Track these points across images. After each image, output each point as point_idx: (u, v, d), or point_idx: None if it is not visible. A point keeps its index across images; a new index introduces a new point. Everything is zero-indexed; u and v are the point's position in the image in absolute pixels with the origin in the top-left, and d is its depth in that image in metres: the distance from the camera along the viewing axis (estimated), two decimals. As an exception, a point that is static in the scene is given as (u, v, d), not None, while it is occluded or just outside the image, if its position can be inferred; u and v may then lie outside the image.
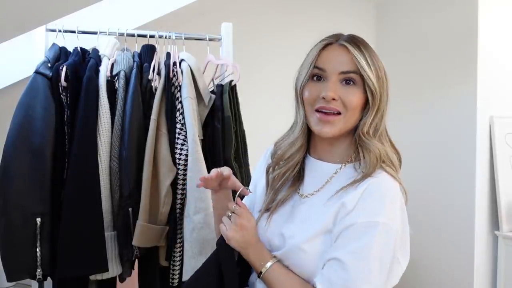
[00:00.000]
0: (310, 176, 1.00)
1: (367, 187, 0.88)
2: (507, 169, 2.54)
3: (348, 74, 0.91)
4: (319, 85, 0.93)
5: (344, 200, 0.89)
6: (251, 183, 1.16)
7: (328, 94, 0.89)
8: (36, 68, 1.51)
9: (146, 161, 1.51)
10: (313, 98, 0.93)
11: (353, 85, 0.92)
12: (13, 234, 1.41)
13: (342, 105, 0.91)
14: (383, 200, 0.87)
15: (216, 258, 0.99)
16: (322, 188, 0.96)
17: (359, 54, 0.91)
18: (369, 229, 0.84)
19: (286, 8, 2.94)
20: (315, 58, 0.94)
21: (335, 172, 0.96)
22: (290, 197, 0.99)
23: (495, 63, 2.57)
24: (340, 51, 0.93)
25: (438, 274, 2.73)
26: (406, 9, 3.06)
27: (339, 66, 0.92)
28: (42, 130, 1.44)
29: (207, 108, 1.66)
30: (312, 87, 0.94)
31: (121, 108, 1.54)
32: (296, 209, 0.97)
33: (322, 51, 0.95)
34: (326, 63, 0.93)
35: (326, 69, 0.92)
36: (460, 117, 2.61)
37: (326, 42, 0.95)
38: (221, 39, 1.84)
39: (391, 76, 0.95)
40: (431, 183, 2.77)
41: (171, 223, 1.55)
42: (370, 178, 0.89)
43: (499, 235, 2.53)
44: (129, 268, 1.59)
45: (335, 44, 0.95)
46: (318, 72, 0.93)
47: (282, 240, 0.95)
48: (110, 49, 1.65)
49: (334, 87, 0.91)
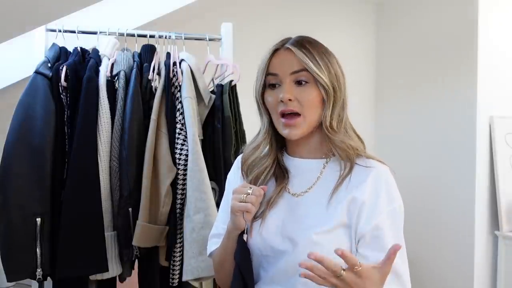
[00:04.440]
0: (298, 175, 1.02)
1: (373, 180, 0.94)
2: (507, 169, 2.54)
3: (298, 73, 0.95)
4: (276, 91, 0.97)
5: (355, 195, 0.93)
6: (225, 196, 1.12)
7: (284, 96, 0.94)
8: (36, 68, 1.51)
9: (146, 161, 1.51)
10: (275, 104, 0.97)
11: (306, 84, 0.96)
12: (13, 234, 1.41)
13: (299, 105, 0.95)
14: (390, 186, 0.96)
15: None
16: (315, 185, 0.99)
17: (304, 53, 0.95)
18: (393, 216, 0.93)
19: (286, 8, 2.95)
20: (267, 65, 0.98)
21: (323, 167, 1.00)
22: (280, 197, 1.00)
23: (495, 63, 2.57)
24: (286, 54, 0.97)
25: (438, 274, 2.73)
26: (406, 9, 3.06)
27: (288, 68, 0.96)
28: (42, 130, 1.44)
29: (207, 108, 1.66)
30: (271, 94, 0.98)
31: (121, 108, 1.54)
32: (295, 208, 0.98)
33: (272, 58, 0.99)
34: (276, 68, 0.97)
35: (278, 73, 0.97)
36: (460, 117, 2.61)
37: (274, 48, 0.99)
38: (221, 39, 1.84)
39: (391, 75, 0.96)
40: (431, 183, 2.77)
41: (171, 223, 1.55)
42: (367, 169, 0.96)
43: (499, 235, 2.53)
44: (129, 268, 1.59)
45: (281, 48, 0.99)
46: (272, 78, 0.98)
47: (287, 241, 0.95)
48: (110, 49, 1.65)
49: (289, 89, 0.95)
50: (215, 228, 1.11)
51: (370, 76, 3.27)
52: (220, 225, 1.08)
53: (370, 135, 3.24)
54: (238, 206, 0.94)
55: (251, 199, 0.93)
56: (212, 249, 1.08)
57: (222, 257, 1.03)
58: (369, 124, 3.26)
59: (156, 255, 1.59)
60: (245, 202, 0.93)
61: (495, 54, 2.57)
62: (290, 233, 0.95)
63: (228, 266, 1.01)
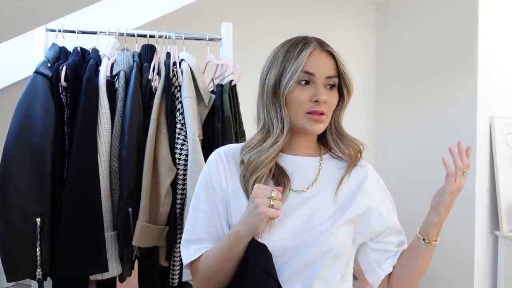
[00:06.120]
0: (297, 172, 1.02)
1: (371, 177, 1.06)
2: (507, 169, 2.54)
3: (332, 78, 0.99)
4: (308, 89, 0.98)
5: (359, 190, 1.03)
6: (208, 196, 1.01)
7: (322, 97, 0.96)
8: (36, 68, 1.51)
9: (146, 161, 1.51)
10: (304, 101, 0.97)
11: (334, 88, 1.00)
12: (13, 234, 1.41)
13: (327, 107, 0.99)
14: (383, 183, 1.09)
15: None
16: (316, 181, 1.02)
17: (340, 58, 1.00)
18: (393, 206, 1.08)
19: (286, 8, 2.95)
20: (304, 62, 0.97)
21: (320, 163, 1.04)
22: (285, 196, 0.98)
23: (495, 63, 2.57)
24: (325, 57, 0.99)
25: (438, 274, 2.73)
26: (406, 9, 3.06)
27: (326, 71, 0.98)
28: (42, 130, 1.44)
29: (207, 108, 1.66)
30: (301, 90, 0.98)
31: (121, 108, 1.54)
32: (301, 204, 0.98)
33: (309, 56, 0.98)
34: (314, 68, 0.97)
35: (315, 73, 0.97)
36: (460, 117, 2.61)
37: (313, 48, 0.99)
38: (221, 39, 1.84)
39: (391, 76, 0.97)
40: (431, 183, 2.77)
41: (171, 223, 1.55)
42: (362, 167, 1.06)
43: (499, 235, 2.53)
44: (129, 268, 1.59)
45: (318, 49, 0.99)
46: (307, 76, 0.98)
47: (300, 237, 0.95)
48: (110, 49, 1.65)
49: (324, 91, 0.98)
50: (192, 233, 0.99)
51: (370, 76, 3.27)
52: (200, 229, 0.98)
53: (370, 134, 3.24)
54: (268, 212, 0.87)
55: (278, 204, 0.89)
56: (193, 258, 0.97)
57: (219, 265, 0.94)
58: (369, 123, 3.26)
59: (156, 255, 1.59)
60: (273, 207, 0.87)
61: (495, 54, 2.57)
62: (303, 229, 0.95)
63: (224, 273, 0.94)
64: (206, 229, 0.98)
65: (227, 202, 0.99)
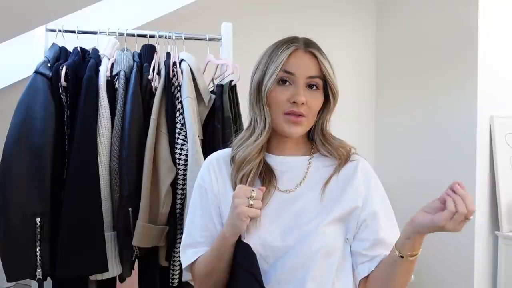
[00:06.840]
0: (285, 172, 1.02)
1: (361, 172, 1.02)
2: (507, 169, 2.54)
3: (313, 78, 0.98)
4: (287, 89, 0.97)
5: (348, 187, 1.00)
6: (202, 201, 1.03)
7: (300, 99, 0.95)
8: (36, 68, 1.51)
9: (146, 161, 1.51)
10: (282, 102, 0.97)
11: (316, 89, 0.99)
12: (13, 234, 1.41)
13: (308, 109, 0.97)
14: (375, 176, 1.05)
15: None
16: (304, 180, 1.01)
17: (324, 60, 0.98)
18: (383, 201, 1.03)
19: (286, 8, 2.95)
20: (284, 62, 0.97)
21: (308, 163, 1.04)
22: (272, 196, 0.99)
23: (495, 63, 2.57)
24: (307, 57, 0.98)
25: (438, 274, 2.73)
26: (406, 9, 3.06)
27: (307, 71, 0.97)
28: (42, 130, 1.44)
29: (207, 108, 1.66)
30: (280, 91, 0.97)
31: (121, 108, 1.54)
32: (289, 204, 0.98)
33: (290, 56, 0.98)
34: (294, 68, 0.97)
35: (295, 73, 0.97)
36: (460, 117, 2.61)
37: (294, 48, 0.98)
38: (221, 39, 1.84)
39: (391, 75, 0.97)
40: (431, 182, 2.77)
41: (171, 223, 1.55)
42: (353, 162, 1.03)
43: (499, 235, 2.53)
44: (129, 268, 1.59)
45: (301, 49, 0.99)
46: (286, 75, 0.97)
47: (288, 237, 0.94)
48: (110, 49, 1.65)
49: (303, 92, 0.97)
50: (189, 237, 1.02)
51: (370, 76, 3.27)
52: (196, 233, 1.01)
53: (370, 134, 3.24)
54: (247, 212, 0.88)
55: (257, 204, 0.90)
56: (191, 261, 1.00)
57: (211, 266, 0.96)
58: (369, 123, 3.25)
59: (156, 255, 1.59)
60: (252, 206, 0.89)
61: (495, 54, 2.57)
62: (290, 229, 0.95)
63: (217, 275, 0.96)
64: (201, 233, 1.01)
65: (220, 206, 1.02)
